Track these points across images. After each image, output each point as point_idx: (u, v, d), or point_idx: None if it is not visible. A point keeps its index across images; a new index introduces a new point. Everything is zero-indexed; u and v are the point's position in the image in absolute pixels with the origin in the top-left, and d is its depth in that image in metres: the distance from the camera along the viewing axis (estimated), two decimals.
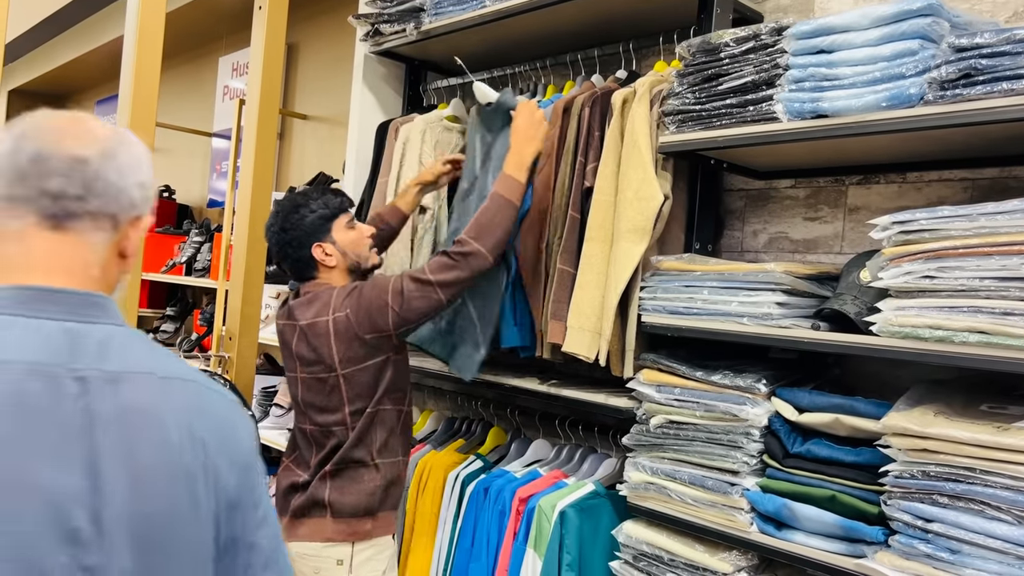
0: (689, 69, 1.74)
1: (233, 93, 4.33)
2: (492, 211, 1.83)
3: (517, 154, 1.88)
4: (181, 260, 4.00)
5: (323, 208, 1.91)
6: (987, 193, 1.68)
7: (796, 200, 1.98)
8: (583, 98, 2.02)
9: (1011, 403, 1.40)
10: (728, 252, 2.08)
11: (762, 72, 1.61)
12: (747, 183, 2.06)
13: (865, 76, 1.45)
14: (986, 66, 1.31)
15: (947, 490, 1.31)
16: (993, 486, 1.27)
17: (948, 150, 1.62)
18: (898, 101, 1.40)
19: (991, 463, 1.27)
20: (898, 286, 1.39)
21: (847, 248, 1.87)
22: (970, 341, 1.29)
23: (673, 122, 1.76)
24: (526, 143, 1.89)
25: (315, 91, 3.79)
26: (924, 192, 1.77)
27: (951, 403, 1.42)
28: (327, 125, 3.68)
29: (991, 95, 1.30)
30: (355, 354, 1.83)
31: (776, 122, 1.57)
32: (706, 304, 1.68)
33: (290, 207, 1.92)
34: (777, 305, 1.58)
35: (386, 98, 2.81)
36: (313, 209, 1.90)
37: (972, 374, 1.58)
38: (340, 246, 1.92)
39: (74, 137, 0.89)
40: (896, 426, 1.36)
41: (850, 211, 1.88)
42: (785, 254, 1.98)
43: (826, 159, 1.81)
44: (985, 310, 1.29)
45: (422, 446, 2.43)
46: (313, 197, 1.93)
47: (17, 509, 0.78)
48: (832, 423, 1.53)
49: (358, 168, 2.72)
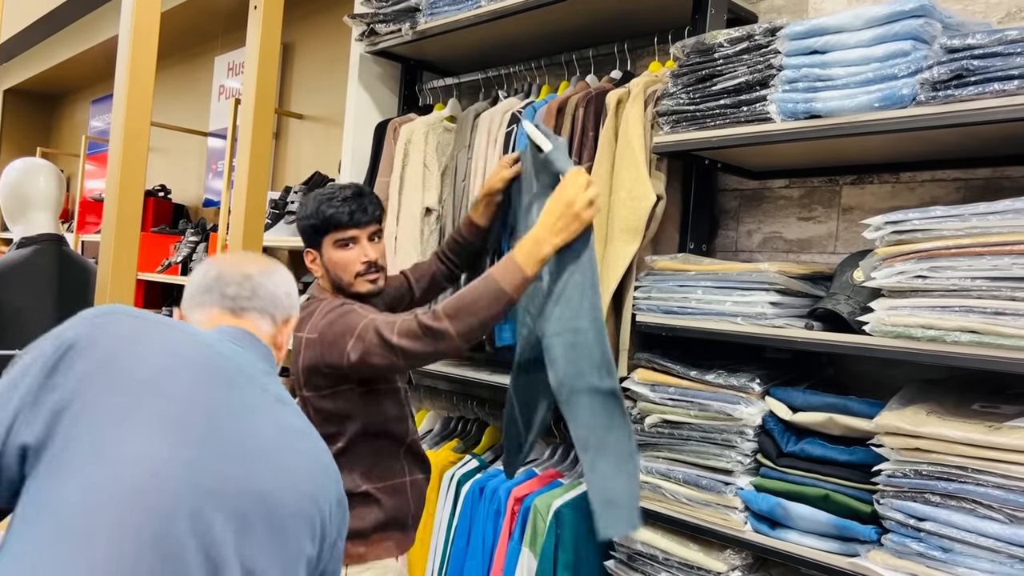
0: (683, 69, 1.74)
1: (229, 92, 4.32)
2: (480, 295, 1.53)
3: (536, 242, 1.54)
4: (177, 260, 4.00)
5: (315, 219, 1.75)
6: (980, 193, 1.68)
7: (790, 200, 1.98)
8: (577, 98, 2.02)
9: (1003, 402, 1.41)
10: (723, 252, 2.08)
11: (756, 72, 1.61)
12: (741, 183, 2.07)
13: (858, 77, 1.45)
14: (978, 67, 1.31)
15: (939, 489, 1.32)
16: (985, 485, 1.28)
17: (941, 150, 1.62)
18: (891, 102, 1.40)
19: (983, 462, 1.28)
20: (891, 286, 1.39)
21: (841, 248, 1.88)
22: (962, 340, 1.30)
23: (667, 122, 1.76)
24: (552, 234, 1.54)
25: (311, 91, 3.80)
26: (917, 192, 1.78)
27: (943, 402, 1.43)
28: (323, 125, 3.68)
29: (983, 96, 1.31)
30: (318, 380, 1.69)
31: (770, 122, 1.58)
32: (700, 304, 1.69)
33: (304, 203, 1.83)
34: (771, 305, 1.58)
35: (382, 97, 2.81)
36: (308, 215, 1.77)
37: (964, 373, 1.58)
38: (326, 261, 1.77)
39: (245, 262, 1.22)
40: (889, 425, 1.37)
41: (844, 211, 1.89)
42: (779, 254, 1.99)
43: (820, 159, 1.82)
44: (977, 310, 1.29)
45: None
46: (319, 201, 1.76)
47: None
48: (826, 422, 1.53)
49: (354, 167, 2.72)
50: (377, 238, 1.78)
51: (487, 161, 2.28)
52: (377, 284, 1.77)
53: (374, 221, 1.76)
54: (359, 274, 1.74)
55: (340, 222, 1.73)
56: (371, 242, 1.76)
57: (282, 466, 1.02)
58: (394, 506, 1.76)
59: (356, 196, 1.76)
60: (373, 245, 1.76)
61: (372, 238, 1.76)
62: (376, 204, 1.79)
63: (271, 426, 1.04)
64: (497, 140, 2.25)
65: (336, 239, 1.74)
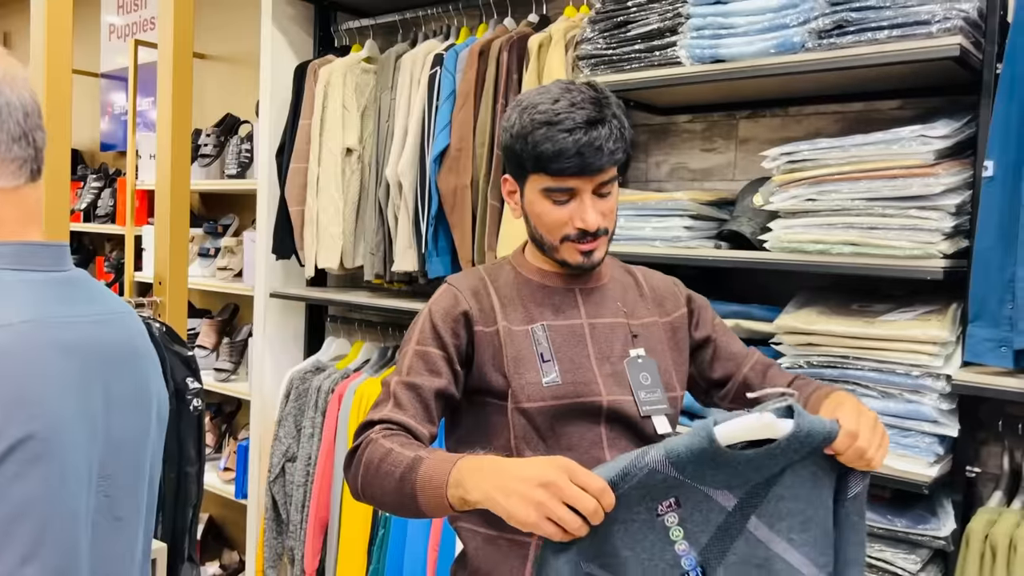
0: (599, 16, 1.91)
1: (120, 32, 4.17)
2: (388, 477, 1.08)
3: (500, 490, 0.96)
4: (80, 207, 3.91)
5: (519, 144, 1.19)
6: (854, 124, 1.94)
7: (694, 133, 2.20)
8: (500, 42, 2.16)
9: (876, 302, 1.70)
10: (635, 183, 2.29)
11: (666, 20, 1.80)
12: (649, 119, 2.27)
13: (756, 25, 1.66)
14: (855, 19, 1.54)
15: (827, 375, 1.60)
16: (863, 369, 1.56)
17: (823, 87, 1.86)
18: (784, 48, 1.62)
19: (861, 351, 1.56)
20: (786, 208, 1.64)
21: (739, 175, 2.12)
22: (844, 252, 1.56)
23: (587, 66, 1.93)
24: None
25: (213, 29, 3.73)
26: (803, 124, 2.03)
27: (829, 304, 1.70)
28: (229, 65, 3.64)
29: (859, 43, 1.54)
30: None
31: (680, 66, 1.77)
32: (623, 230, 1.89)
33: (513, 109, 1.24)
34: (685, 229, 1.81)
35: (296, 39, 2.84)
36: (514, 135, 1.21)
37: (845, 279, 1.86)
38: (527, 206, 1.26)
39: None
40: (786, 326, 1.63)
41: (741, 142, 2.12)
42: (685, 183, 2.22)
43: (720, 96, 2.04)
44: (856, 226, 1.56)
45: (358, 375, 2.58)
46: (533, 117, 1.17)
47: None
48: (734, 328, 1.79)
49: (273, 111, 2.77)
50: (608, 190, 1.20)
51: (410, 101, 2.39)
52: (592, 258, 1.21)
53: (610, 165, 1.17)
54: (567, 239, 1.21)
55: (556, 167, 1.15)
56: (598, 197, 1.19)
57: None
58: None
59: (592, 124, 1.14)
60: (599, 202, 1.19)
61: (600, 191, 1.19)
62: (619, 138, 1.17)
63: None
64: (420, 82, 2.36)
65: (546, 186, 1.19)
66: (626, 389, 1.21)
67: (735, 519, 0.98)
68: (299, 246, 2.67)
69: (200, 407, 2.04)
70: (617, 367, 1.23)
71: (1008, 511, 1.50)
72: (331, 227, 2.54)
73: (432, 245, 2.31)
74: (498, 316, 1.22)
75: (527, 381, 1.18)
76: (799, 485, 0.99)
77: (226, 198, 3.60)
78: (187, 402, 2.01)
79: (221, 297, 3.50)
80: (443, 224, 2.30)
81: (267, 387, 2.85)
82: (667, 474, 0.94)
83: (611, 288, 1.29)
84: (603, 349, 1.23)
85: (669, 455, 0.94)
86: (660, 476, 0.95)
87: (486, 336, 1.21)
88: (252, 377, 2.90)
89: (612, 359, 1.23)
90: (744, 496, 0.97)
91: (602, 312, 1.26)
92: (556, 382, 1.19)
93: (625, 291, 1.31)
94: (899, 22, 1.49)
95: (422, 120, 2.31)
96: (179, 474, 1.98)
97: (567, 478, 0.91)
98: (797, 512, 0.99)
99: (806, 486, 0.99)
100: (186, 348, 2.16)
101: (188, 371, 2.02)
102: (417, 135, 2.31)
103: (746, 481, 0.97)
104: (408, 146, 2.33)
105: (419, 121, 2.32)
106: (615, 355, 1.23)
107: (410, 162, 2.32)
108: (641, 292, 1.33)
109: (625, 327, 1.26)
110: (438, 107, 2.28)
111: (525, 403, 1.18)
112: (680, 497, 0.97)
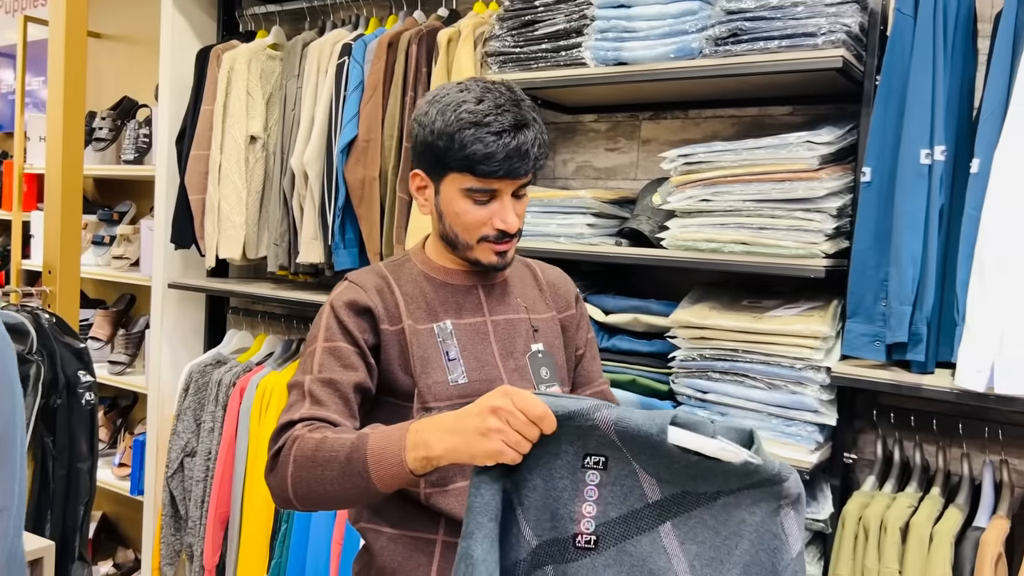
0: (507, 14, 1.94)
1: (8, 6, 3.95)
2: (331, 461, 1.04)
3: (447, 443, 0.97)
4: None
5: (443, 142, 1.17)
6: (749, 128, 2.03)
7: (599, 133, 2.26)
8: (409, 35, 2.15)
9: (765, 298, 1.79)
10: (543, 180, 2.34)
11: (572, 21, 1.84)
12: (556, 117, 2.31)
13: (657, 30, 1.72)
14: (748, 28, 1.62)
15: (718, 368, 1.68)
16: (751, 362, 1.64)
17: (720, 92, 1.94)
18: (683, 53, 1.69)
19: (750, 344, 1.65)
20: (682, 208, 1.71)
21: (641, 175, 2.19)
22: (736, 251, 1.64)
23: (495, 62, 1.95)
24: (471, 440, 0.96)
25: (110, 8, 3.57)
26: (702, 127, 2.11)
27: (721, 300, 1.78)
28: (126, 45, 3.50)
29: (751, 52, 1.62)
30: None
31: (585, 67, 1.82)
32: (529, 226, 1.93)
33: (430, 106, 1.22)
34: (588, 226, 1.86)
35: (198, 22, 2.76)
36: (435, 132, 1.18)
37: (736, 276, 1.95)
38: (441, 203, 1.24)
39: None
40: (681, 320, 1.70)
41: (643, 143, 2.19)
42: (590, 181, 2.27)
43: (624, 97, 2.09)
44: (746, 226, 1.63)
45: (260, 368, 2.54)
46: (459, 117, 1.16)
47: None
48: (632, 322, 1.85)
49: (174, 95, 2.68)
50: (525, 192, 1.23)
51: (317, 90, 2.36)
52: (505, 258, 1.23)
53: (534, 170, 1.19)
54: (485, 239, 1.21)
55: (484, 169, 1.14)
56: (515, 199, 1.21)
57: None
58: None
59: (518, 128, 1.15)
60: (516, 204, 1.21)
61: (518, 192, 1.21)
62: (542, 145, 1.19)
63: None
64: (328, 71, 2.34)
65: (468, 186, 1.17)
66: (528, 383, 1.25)
67: (651, 514, 0.96)
68: (199, 235, 2.60)
69: (93, 401, 1.98)
70: (520, 362, 1.26)
71: (880, 494, 1.61)
72: (233, 216, 2.48)
73: (339, 237, 2.29)
74: (403, 315, 1.21)
75: (434, 380, 1.19)
76: (725, 523, 0.95)
77: (122, 184, 3.47)
78: (79, 396, 1.95)
79: (116, 287, 3.37)
80: (350, 216, 2.29)
81: (165, 381, 2.77)
82: (609, 437, 0.94)
83: (512, 283, 1.32)
84: (506, 345, 1.25)
85: (618, 423, 0.93)
86: (600, 434, 0.94)
87: (392, 335, 1.20)
88: (149, 370, 2.81)
89: (515, 354, 1.25)
90: (669, 497, 0.95)
91: (504, 308, 1.28)
92: (462, 380, 1.20)
93: (525, 285, 1.33)
94: (788, 33, 1.57)
95: (329, 110, 2.29)
96: (70, 470, 1.91)
97: (511, 401, 0.92)
98: (711, 546, 0.95)
99: (730, 527, 0.94)
100: (78, 340, 2.08)
101: (80, 364, 1.96)
102: (324, 125, 2.29)
103: (677, 483, 0.95)
104: (315, 136, 2.30)
105: (326, 111, 2.29)
106: (518, 350, 1.26)
107: (317, 152, 2.29)
108: (540, 286, 1.36)
109: (527, 322, 1.29)
110: (346, 97, 2.26)
111: (432, 403, 1.17)
112: (610, 462, 0.96)
